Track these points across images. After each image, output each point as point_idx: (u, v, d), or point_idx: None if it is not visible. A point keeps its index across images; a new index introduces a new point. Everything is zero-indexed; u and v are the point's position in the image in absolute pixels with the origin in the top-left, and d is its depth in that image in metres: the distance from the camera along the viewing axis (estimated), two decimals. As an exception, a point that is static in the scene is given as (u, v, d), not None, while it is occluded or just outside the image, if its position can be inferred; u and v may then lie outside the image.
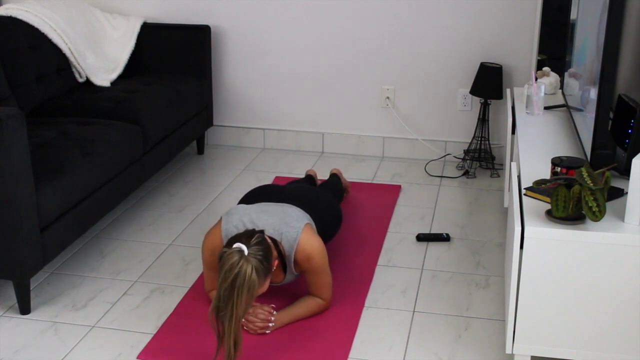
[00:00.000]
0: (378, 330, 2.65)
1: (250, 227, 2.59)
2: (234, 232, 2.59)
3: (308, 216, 2.74)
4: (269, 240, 2.51)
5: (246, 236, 2.38)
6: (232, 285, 2.25)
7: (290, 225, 2.60)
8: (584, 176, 2.15)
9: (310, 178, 3.63)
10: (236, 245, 2.33)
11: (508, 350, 2.36)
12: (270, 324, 2.59)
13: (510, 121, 3.43)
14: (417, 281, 2.99)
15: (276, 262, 2.51)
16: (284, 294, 2.83)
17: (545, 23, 3.85)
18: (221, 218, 2.67)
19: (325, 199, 3.02)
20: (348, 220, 3.51)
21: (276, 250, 2.56)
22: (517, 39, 4.07)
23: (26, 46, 3.60)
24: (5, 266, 2.63)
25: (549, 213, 2.26)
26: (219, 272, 2.30)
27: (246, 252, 2.31)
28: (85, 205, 2.99)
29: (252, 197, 2.93)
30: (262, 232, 2.46)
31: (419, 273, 3.06)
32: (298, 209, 2.73)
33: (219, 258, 2.34)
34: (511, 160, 3.47)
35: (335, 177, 3.66)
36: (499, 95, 3.99)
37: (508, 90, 3.70)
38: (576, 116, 2.97)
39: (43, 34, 3.73)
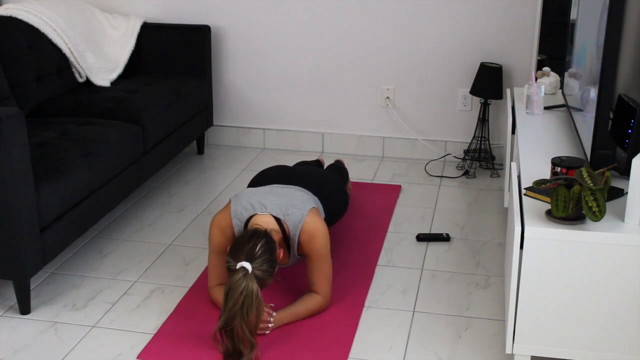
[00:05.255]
0: (378, 330, 2.65)
1: (258, 207, 2.63)
2: (242, 213, 2.64)
3: (316, 199, 2.80)
4: (273, 235, 2.53)
5: (250, 245, 2.42)
6: (241, 307, 2.34)
7: (297, 207, 2.64)
8: (584, 176, 2.15)
9: (317, 163, 3.67)
10: (240, 264, 2.38)
11: (508, 350, 2.36)
12: (270, 324, 2.60)
13: (510, 121, 3.43)
14: (417, 281, 2.99)
15: (281, 252, 2.55)
16: (283, 294, 2.83)
17: (545, 23, 3.85)
18: (230, 200, 2.70)
19: (333, 182, 3.07)
20: (348, 220, 3.51)
21: (281, 231, 2.61)
22: (517, 39, 4.07)
23: (26, 46, 3.60)
24: (5, 266, 2.63)
25: (549, 213, 2.26)
26: (224, 296, 2.36)
27: (250, 270, 2.37)
28: (85, 205, 2.99)
29: (262, 178, 3.00)
30: (266, 232, 2.49)
31: (419, 273, 3.06)
32: (306, 191, 2.79)
33: (227, 269, 2.43)
34: (511, 160, 3.47)
35: (340, 163, 3.68)
36: (499, 95, 3.99)
37: (508, 90, 3.70)
38: (576, 116, 2.97)
39: (43, 34, 3.73)
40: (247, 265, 2.37)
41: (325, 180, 3.03)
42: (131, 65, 4.25)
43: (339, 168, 3.60)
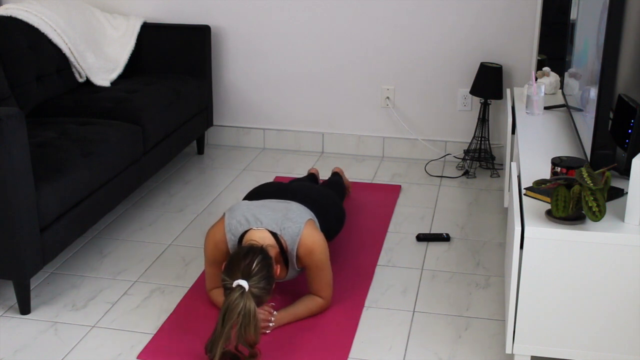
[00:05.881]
0: (378, 330, 2.65)
1: (253, 222, 2.61)
2: (237, 227, 2.61)
3: (311, 213, 2.76)
4: (270, 250, 2.50)
5: (247, 263, 2.38)
6: (239, 328, 2.31)
7: (293, 221, 2.61)
8: (584, 176, 2.15)
9: (312, 177, 3.64)
10: (237, 282, 2.34)
11: (508, 350, 2.36)
12: (270, 324, 2.60)
13: (510, 121, 3.43)
14: (417, 281, 2.99)
15: (278, 268, 2.52)
16: (284, 294, 2.83)
17: (545, 23, 3.85)
18: (224, 214, 2.68)
19: (329, 198, 3.03)
20: (348, 220, 3.50)
21: (278, 246, 2.58)
22: (517, 39, 4.07)
23: (26, 46, 3.60)
24: (5, 266, 2.63)
25: (549, 213, 2.26)
26: (221, 316, 2.31)
27: (247, 288, 2.33)
28: (85, 205, 2.99)
29: (256, 194, 2.96)
30: (262, 248, 2.46)
31: (419, 273, 3.06)
32: (301, 205, 2.75)
33: (223, 287, 2.39)
34: (511, 160, 3.47)
35: (337, 176, 3.67)
36: (499, 95, 3.99)
37: (508, 90, 3.70)
38: (576, 116, 2.97)
39: (43, 34, 3.73)
40: (244, 283, 2.33)
41: (321, 197, 2.99)
42: (131, 65, 4.25)
43: (335, 183, 3.57)
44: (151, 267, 3.09)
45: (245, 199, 3.00)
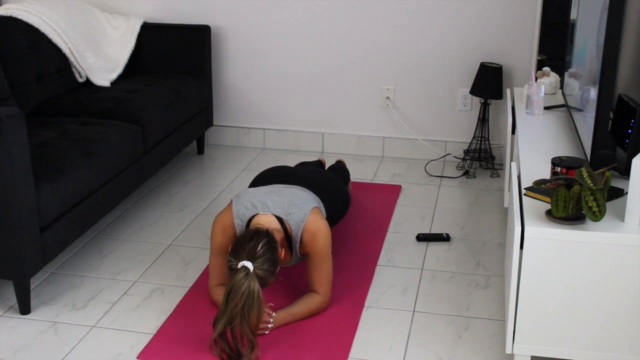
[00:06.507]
0: (378, 330, 2.65)
1: (260, 207, 2.64)
2: (244, 213, 2.65)
3: (318, 199, 2.80)
4: (275, 234, 2.53)
5: (252, 245, 2.42)
6: (242, 307, 2.34)
7: (299, 207, 2.64)
8: (584, 176, 2.15)
9: (319, 163, 3.68)
10: (242, 263, 2.38)
11: (508, 350, 2.36)
12: (269, 324, 2.60)
13: (510, 121, 3.43)
14: (417, 281, 2.99)
15: (283, 252, 2.56)
16: (284, 293, 2.83)
17: (545, 23, 3.85)
18: (232, 201, 2.70)
19: (334, 182, 3.08)
20: (348, 220, 3.51)
21: (283, 231, 2.61)
22: (517, 39, 4.07)
23: (26, 46, 3.60)
24: (5, 266, 2.63)
25: (549, 213, 2.26)
26: (225, 296, 2.35)
27: (251, 269, 2.37)
28: (85, 205, 2.99)
29: (264, 178, 3.00)
30: (267, 231, 2.49)
31: (419, 273, 3.06)
32: (308, 191, 2.79)
33: (228, 268, 2.43)
34: (511, 160, 3.47)
35: (340, 163, 3.69)
36: (499, 95, 3.99)
37: (508, 90, 3.70)
38: (576, 116, 2.97)
39: (43, 34, 3.73)
40: (249, 264, 2.37)
41: (326, 181, 3.03)
42: (131, 65, 4.25)
43: (340, 169, 3.60)
44: (151, 267, 3.09)
45: (252, 182, 3.05)
